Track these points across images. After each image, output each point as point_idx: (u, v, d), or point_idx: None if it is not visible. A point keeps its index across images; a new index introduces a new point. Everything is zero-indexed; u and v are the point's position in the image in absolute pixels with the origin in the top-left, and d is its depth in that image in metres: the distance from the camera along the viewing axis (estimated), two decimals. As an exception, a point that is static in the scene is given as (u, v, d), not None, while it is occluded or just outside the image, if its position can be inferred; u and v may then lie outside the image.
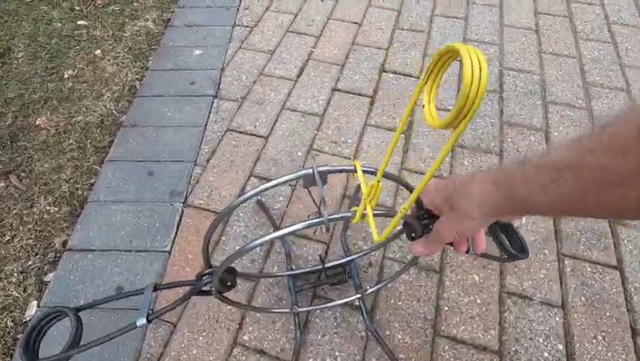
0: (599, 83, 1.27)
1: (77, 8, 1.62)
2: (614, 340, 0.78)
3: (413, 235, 0.56)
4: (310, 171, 0.50)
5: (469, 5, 1.57)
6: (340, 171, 0.52)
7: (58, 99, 1.28)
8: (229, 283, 0.59)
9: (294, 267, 0.84)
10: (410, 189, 0.54)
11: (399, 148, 1.10)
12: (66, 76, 1.36)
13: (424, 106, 0.32)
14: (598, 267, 0.88)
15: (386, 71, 1.32)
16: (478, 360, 0.76)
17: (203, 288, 0.58)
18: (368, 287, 0.78)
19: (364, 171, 0.52)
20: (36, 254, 0.93)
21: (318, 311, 0.81)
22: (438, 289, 0.85)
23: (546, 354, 0.77)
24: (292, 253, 0.88)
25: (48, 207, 1.01)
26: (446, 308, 0.82)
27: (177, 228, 0.95)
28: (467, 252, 0.56)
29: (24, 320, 0.83)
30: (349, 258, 0.78)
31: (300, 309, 0.73)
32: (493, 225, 0.57)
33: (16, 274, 0.89)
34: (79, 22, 1.55)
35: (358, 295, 0.74)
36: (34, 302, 0.85)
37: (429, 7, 1.57)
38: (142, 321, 0.56)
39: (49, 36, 1.49)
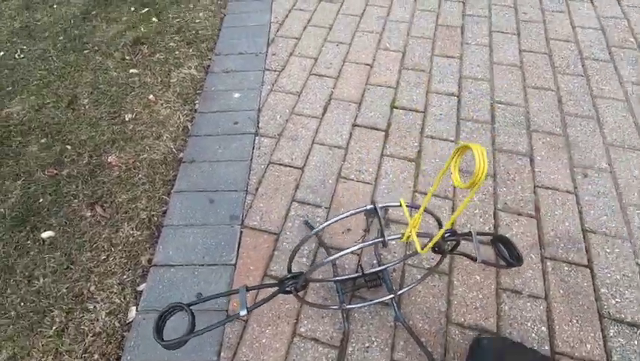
0: (573, 113, 1.52)
1: (128, 58, 1.89)
2: (585, 323, 1.02)
3: (436, 249, 0.81)
4: (372, 206, 0.75)
5: (462, 45, 1.84)
6: (390, 206, 0.77)
7: (124, 140, 1.54)
8: (303, 285, 0.83)
9: (339, 273, 1.09)
10: (437, 219, 0.79)
11: (410, 174, 1.35)
12: (127, 119, 1.62)
13: (452, 173, 0.56)
14: (573, 266, 1.11)
15: (396, 107, 1.58)
16: (482, 341, 0.99)
17: (287, 289, 0.82)
18: (395, 288, 1.02)
19: (408, 206, 0.78)
20: (129, 269, 1.17)
21: (356, 308, 1.05)
22: (448, 287, 1.09)
23: (533, 335, 1.00)
24: (336, 263, 1.12)
25: (131, 232, 1.26)
26: (455, 302, 1.06)
27: (239, 245, 1.19)
28: (475, 260, 0.82)
29: (128, 321, 1.07)
30: (384, 266, 1.02)
31: (348, 306, 0.97)
32: (494, 239, 0.83)
33: (115, 286, 1.14)
34: (131, 71, 1.82)
35: (392, 296, 0.98)
36: (134, 308, 1.09)
37: (428, 48, 1.84)
38: (244, 312, 0.80)
39: (108, 84, 1.76)
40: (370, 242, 0.72)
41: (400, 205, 0.77)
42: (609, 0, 2.07)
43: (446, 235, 0.81)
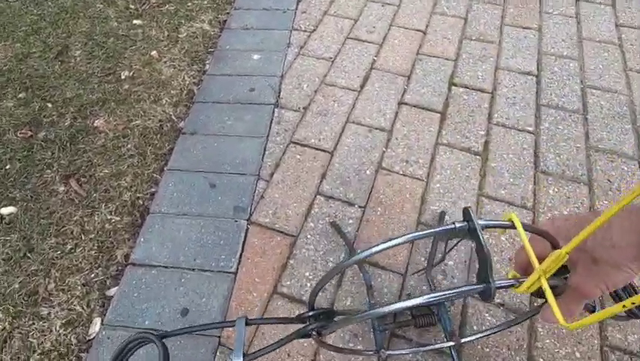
0: (697, 108, 1.15)
1: (132, 7, 1.60)
2: None
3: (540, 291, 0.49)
4: (465, 224, 0.43)
5: (542, 15, 1.47)
6: (496, 226, 0.44)
7: (115, 101, 1.26)
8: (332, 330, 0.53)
9: (376, 299, 0.78)
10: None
11: (475, 171, 1.02)
12: (123, 77, 1.33)
13: None
14: None
15: (456, 85, 1.24)
16: (581, 423, 0.68)
17: (309, 332, 0.52)
18: (455, 330, 0.71)
19: (526, 228, 0.44)
20: (98, 266, 0.90)
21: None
22: (530, 336, 0.77)
23: (660, 423, 0.68)
24: (372, 285, 0.82)
25: (109, 217, 0.98)
26: (541, 360, 0.74)
27: (242, 247, 0.90)
28: (593, 311, 0.50)
29: (87, 338, 0.80)
30: (438, 295, 0.71)
31: (388, 352, 0.66)
32: None
33: (79, 287, 0.87)
34: (134, 22, 1.53)
35: (452, 343, 0.67)
36: (98, 319, 0.82)
37: (497, 15, 1.47)
38: (239, 359, 0.51)
39: (105, 35, 1.48)
40: (465, 289, 0.41)
41: (512, 225, 0.44)
42: None
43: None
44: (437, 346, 0.70)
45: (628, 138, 1.08)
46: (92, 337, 0.80)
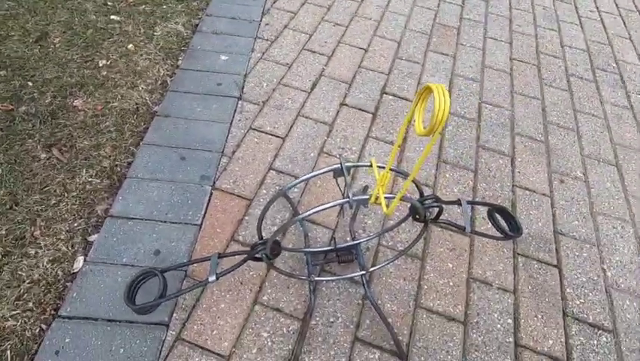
0: (555, 123, 1.55)
1: (110, 4, 1.76)
2: (550, 319, 1.02)
3: (417, 217, 0.77)
4: (339, 165, 0.71)
5: (457, 46, 1.85)
6: (359, 166, 0.74)
7: (94, 85, 1.41)
8: (275, 252, 0.77)
9: (311, 245, 1.03)
10: (417, 185, 0.76)
11: (395, 160, 1.32)
12: (101, 65, 1.50)
13: (414, 121, 0.53)
14: (543, 265, 1.12)
15: (386, 93, 1.55)
16: (448, 328, 0.97)
17: (257, 255, 0.76)
18: (367, 265, 0.98)
19: (378, 167, 0.75)
20: (80, 217, 1.06)
21: (324, 281, 1.00)
22: (420, 272, 1.06)
23: (499, 326, 0.99)
24: (309, 234, 1.07)
25: (90, 179, 1.15)
26: (426, 287, 1.03)
27: (207, 206, 1.11)
28: (464, 229, 0.78)
29: (72, 272, 0.97)
30: (357, 241, 0.98)
31: (317, 278, 0.91)
32: (491, 210, 0.79)
33: (64, 233, 1.03)
34: (112, 17, 1.70)
35: (363, 272, 0.93)
36: (81, 257, 0.99)
37: (424, 42, 1.83)
38: (212, 278, 0.74)
39: (84, 26, 1.62)
40: (335, 202, 0.68)
41: (371, 165, 0.73)
42: (597, 26, 2.15)
43: (428, 200, 0.77)
44: (352, 275, 0.96)
45: (506, 141, 1.45)
46: (76, 270, 0.96)
